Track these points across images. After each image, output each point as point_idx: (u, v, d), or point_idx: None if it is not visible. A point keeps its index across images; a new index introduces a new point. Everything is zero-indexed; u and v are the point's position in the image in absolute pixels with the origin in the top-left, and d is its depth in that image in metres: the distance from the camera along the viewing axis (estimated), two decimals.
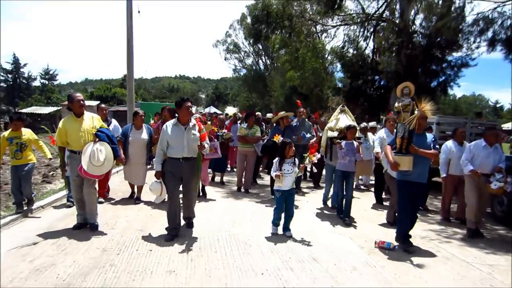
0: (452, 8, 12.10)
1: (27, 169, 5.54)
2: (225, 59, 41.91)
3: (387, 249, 4.63)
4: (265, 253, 4.31)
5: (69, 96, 4.94)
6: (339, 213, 6.12)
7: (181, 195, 4.93)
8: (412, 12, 14.77)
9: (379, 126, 9.78)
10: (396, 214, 5.37)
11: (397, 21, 15.21)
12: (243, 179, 8.09)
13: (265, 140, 8.04)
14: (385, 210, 6.41)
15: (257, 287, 3.42)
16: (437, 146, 4.75)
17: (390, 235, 5.05)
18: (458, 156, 5.90)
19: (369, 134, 8.11)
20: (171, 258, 4.03)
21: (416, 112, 4.54)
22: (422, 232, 5.52)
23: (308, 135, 7.47)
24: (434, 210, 7.07)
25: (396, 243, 4.78)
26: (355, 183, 8.63)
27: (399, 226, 4.82)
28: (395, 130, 6.65)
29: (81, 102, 4.82)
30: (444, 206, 6.48)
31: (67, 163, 4.98)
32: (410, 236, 4.76)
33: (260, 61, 41.02)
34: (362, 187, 9.27)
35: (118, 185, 7.71)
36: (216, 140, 7.43)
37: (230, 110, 40.25)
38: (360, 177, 9.15)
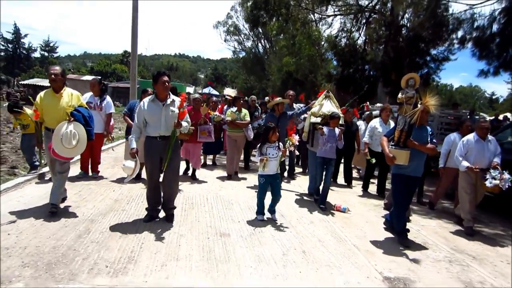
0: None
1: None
2: (225, 41, 42.44)
3: (343, 211, 5.74)
4: (243, 209, 5.43)
5: (47, 68, 5.16)
6: (317, 195, 6.18)
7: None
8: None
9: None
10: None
11: (387, 14, 16.00)
12: (234, 165, 7.79)
13: (258, 125, 7.95)
14: (371, 198, 6.89)
15: (234, 230, 4.52)
16: (434, 140, 4.61)
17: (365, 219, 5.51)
18: None
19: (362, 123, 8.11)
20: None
21: (419, 105, 4.40)
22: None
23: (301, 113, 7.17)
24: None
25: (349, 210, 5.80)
26: (355, 172, 9.00)
27: (397, 220, 4.72)
28: (390, 121, 7.03)
29: (53, 76, 4.47)
30: (437, 195, 6.53)
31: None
32: (408, 230, 4.70)
33: (259, 44, 41.19)
34: (361, 175, 9.02)
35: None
36: (210, 123, 7.19)
37: (229, 91, 40.90)
38: (359, 167, 9.13)
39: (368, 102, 11.89)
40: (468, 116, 16.26)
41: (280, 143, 5.07)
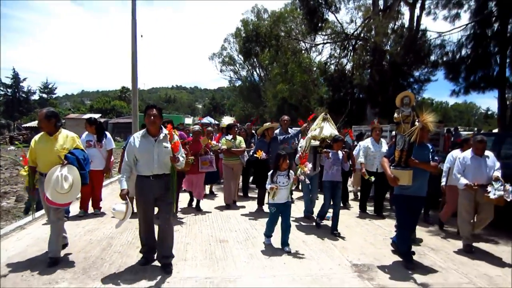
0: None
1: None
2: (220, 71, 43.82)
3: (327, 219, 6.31)
4: (240, 221, 6.25)
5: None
6: (321, 219, 6.17)
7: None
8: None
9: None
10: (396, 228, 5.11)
11: (371, 40, 17.13)
12: (232, 194, 7.68)
13: (251, 153, 7.69)
14: (368, 218, 6.88)
15: (231, 237, 5.31)
16: (436, 158, 4.56)
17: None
18: None
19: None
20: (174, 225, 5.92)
21: (417, 123, 4.31)
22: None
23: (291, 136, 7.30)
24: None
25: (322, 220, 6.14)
26: (353, 191, 9.04)
27: (401, 242, 4.60)
28: (381, 140, 7.21)
29: (39, 118, 4.33)
30: (445, 214, 6.20)
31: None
32: (413, 253, 4.63)
33: (254, 72, 42.40)
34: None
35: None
36: (211, 153, 7.24)
37: (228, 119, 41.83)
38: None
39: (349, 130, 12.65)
40: (453, 133, 17.27)
41: (291, 171, 5.02)
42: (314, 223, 6.27)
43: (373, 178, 6.90)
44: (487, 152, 5.24)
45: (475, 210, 5.20)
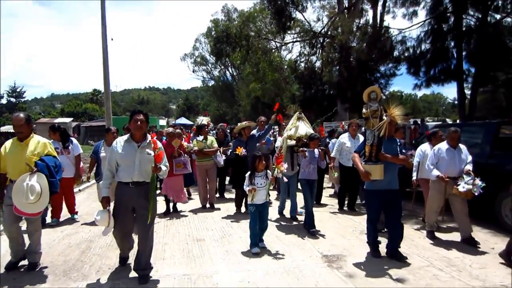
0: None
1: None
2: (193, 71, 43.88)
3: (300, 214, 6.66)
4: (216, 221, 6.45)
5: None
6: (309, 221, 5.92)
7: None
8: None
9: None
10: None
11: (338, 38, 17.59)
12: (207, 195, 7.64)
13: (228, 152, 7.71)
14: (346, 215, 6.90)
15: (208, 236, 5.54)
16: (403, 151, 4.64)
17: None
18: None
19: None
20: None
21: (385, 117, 4.35)
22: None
23: (271, 138, 7.61)
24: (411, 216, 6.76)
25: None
26: (334, 189, 9.01)
27: (368, 234, 4.75)
28: (358, 135, 7.13)
29: (17, 126, 4.18)
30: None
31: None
32: (379, 242, 4.73)
33: (227, 72, 42.72)
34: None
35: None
36: (186, 155, 7.19)
37: (203, 119, 41.64)
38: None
39: (343, 122, 13.09)
40: (420, 124, 17.99)
41: (269, 171, 5.06)
42: (293, 222, 6.41)
43: (336, 174, 7.18)
44: (460, 145, 5.30)
45: (445, 201, 5.28)
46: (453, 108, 69.47)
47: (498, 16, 11.34)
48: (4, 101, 59.46)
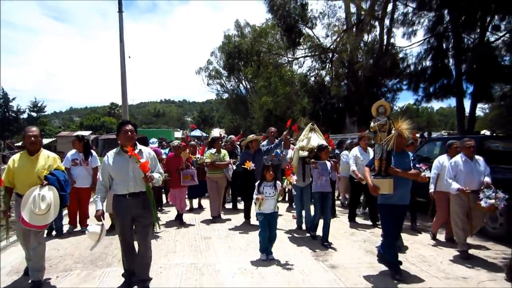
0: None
1: None
2: (207, 85, 44.35)
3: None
4: (224, 226, 7.06)
5: (25, 130, 4.33)
6: (313, 231, 6.08)
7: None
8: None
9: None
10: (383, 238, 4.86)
11: (347, 53, 18.23)
12: (217, 206, 7.69)
13: (235, 165, 7.73)
14: (359, 229, 6.79)
15: (214, 235, 6.23)
16: (417, 166, 4.55)
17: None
18: None
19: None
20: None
21: (393, 131, 4.34)
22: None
23: (280, 153, 7.70)
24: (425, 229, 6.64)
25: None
26: (341, 200, 9.29)
27: (388, 251, 4.57)
28: (369, 149, 7.04)
29: (32, 138, 4.18)
30: (435, 223, 6.09)
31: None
32: (400, 263, 4.57)
33: (240, 85, 42.94)
34: (346, 203, 8.97)
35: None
36: (193, 167, 7.32)
37: (217, 132, 42.41)
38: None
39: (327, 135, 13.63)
40: (427, 138, 18.45)
41: (278, 182, 5.12)
42: (307, 234, 6.32)
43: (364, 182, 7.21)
44: (477, 157, 5.21)
45: (468, 215, 5.08)
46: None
47: (493, 38, 11.93)
48: (25, 115, 61.49)
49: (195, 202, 8.88)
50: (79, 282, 4.31)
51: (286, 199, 9.14)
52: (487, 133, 22.79)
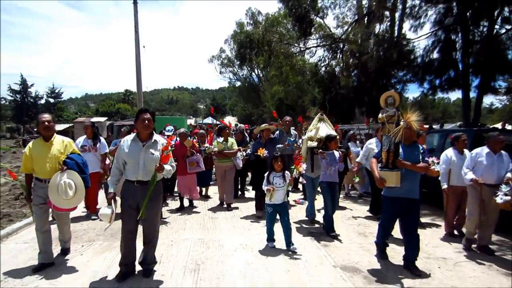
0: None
1: None
2: (220, 73, 44.49)
3: (301, 203, 7.88)
4: (230, 209, 7.65)
5: (38, 117, 4.44)
6: (331, 230, 5.78)
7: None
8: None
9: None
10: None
11: (355, 44, 18.43)
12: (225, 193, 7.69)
13: (246, 153, 7.85)
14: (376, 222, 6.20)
15: (221, 216, 6.79)
16: (426, 159, 4.36)
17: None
18: (459, 165, 5.47)
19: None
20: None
21: (401, 123, 4.25)
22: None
23: (294, 140, 7.42)
24: (437, 224, 6.61)
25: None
26: (345, 191, 9.21)
27: (377, 235, 4.74)
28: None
29: (46, 123, 4.29)
30: (448, 219, 5.91)
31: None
32: (387, 245, 4.79)
33: (253, 73, 42.80)
34: (352, 194, 9.24)
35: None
36: (198, 154, 7.38)
37: (229, 119, 42.48)
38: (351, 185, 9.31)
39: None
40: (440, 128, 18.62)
41: (287, 172, 5.09)
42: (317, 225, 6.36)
43: (357, 179, 7.67)
44: (502, 151, 5.07)
45: (483, 208, 5.00)
46: (488, 113, 67.64)
47: (502, 30, 12.07)
48: (43, 101, 62.92)
49: (203, 190, 8.93)
50: (101, 250, 4.96)
51: (296, 188, 9.36)
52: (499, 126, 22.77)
